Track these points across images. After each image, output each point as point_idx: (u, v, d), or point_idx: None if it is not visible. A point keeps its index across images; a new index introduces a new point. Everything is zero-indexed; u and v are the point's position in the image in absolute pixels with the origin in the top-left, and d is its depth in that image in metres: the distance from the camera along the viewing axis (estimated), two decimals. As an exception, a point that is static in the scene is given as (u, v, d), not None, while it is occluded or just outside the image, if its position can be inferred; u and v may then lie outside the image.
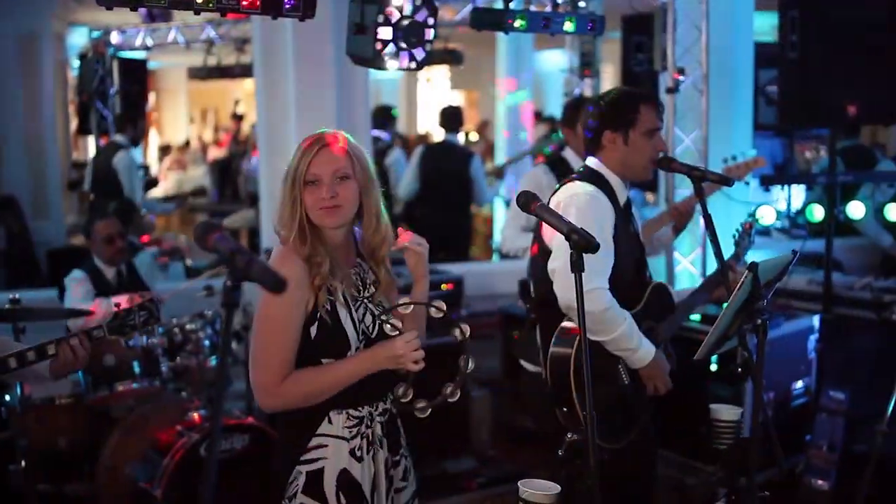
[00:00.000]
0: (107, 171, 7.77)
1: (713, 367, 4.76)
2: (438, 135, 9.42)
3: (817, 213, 5.66)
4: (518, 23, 4.52)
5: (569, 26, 4.69)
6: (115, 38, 8.69)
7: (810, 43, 5.21)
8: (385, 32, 3.87)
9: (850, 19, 5.26)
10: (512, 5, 4.60)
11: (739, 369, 2.90)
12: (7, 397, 3.97)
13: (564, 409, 3.34)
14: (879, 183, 6.39)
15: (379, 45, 3.88)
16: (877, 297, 5.45)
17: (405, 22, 3.94)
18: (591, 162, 3.52)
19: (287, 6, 3.55)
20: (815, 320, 5.08)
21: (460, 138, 9.05)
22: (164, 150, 15.23)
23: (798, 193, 6.75)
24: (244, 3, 3.46)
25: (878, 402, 4.37)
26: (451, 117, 8.11)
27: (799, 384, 4.98)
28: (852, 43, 5.25)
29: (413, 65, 3.99)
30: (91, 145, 9.98)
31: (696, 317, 4.76)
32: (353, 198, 2.63)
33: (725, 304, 2.80)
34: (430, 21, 3.99)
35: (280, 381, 2.57)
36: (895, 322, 5.29)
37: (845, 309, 5.56)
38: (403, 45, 3.96)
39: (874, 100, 5.32)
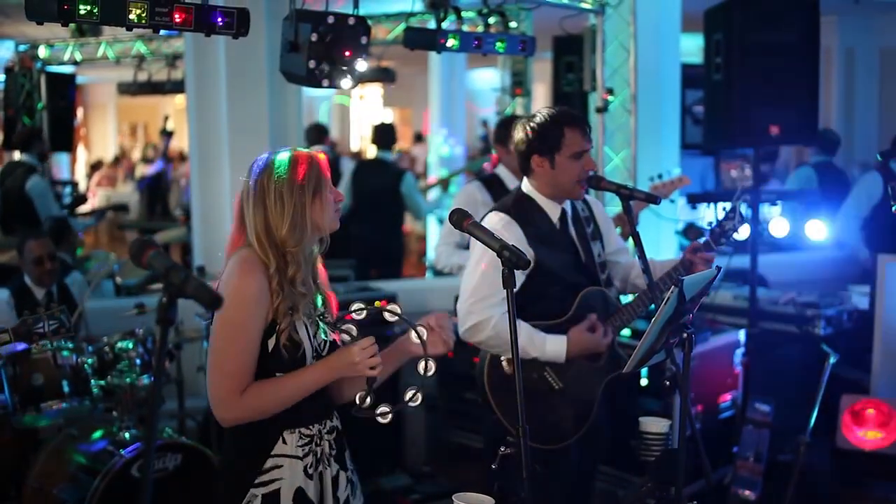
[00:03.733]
0: (19, 196, 7.36)
1: (644, 382, 4.84)
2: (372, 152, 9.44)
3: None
4: (450, 43, 4.58)
5: (500, 47, 4.77)
6: (42, 52, 8.54)
7: (734, 65, 5.34)
8: (318, 50, 3.88)
9: (772, 42, 5.41)
10: (444, 25, 4.66)
11: (668, 382, 2.96)
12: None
13: (494, 416, 3.53)
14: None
15: (312, 63, 3.89)
16: (800, 311, 5.60)
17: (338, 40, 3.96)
18: (524, 185, 3.64)
19: (220, 24, 3.55)
20: (741, 334, 5.19)
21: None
22: (96, 166, 14.95)
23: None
24: (177, 20, 3.45)
25: (801, 414, 4.51)
26: (384, 134, 8.11)
27: (726, 397, 5.09)
28: (774, 65, 5.40)
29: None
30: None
31: (625, 332, 4.84)
32: None
33: (653, 319, 2.86)
34: (363, 40, 4.02)
35: (239, 391, 2.54)
36: (816, 336, 5.44)
37: (770, 323, 5.70)
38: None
39: (795, 120, 5.47)
